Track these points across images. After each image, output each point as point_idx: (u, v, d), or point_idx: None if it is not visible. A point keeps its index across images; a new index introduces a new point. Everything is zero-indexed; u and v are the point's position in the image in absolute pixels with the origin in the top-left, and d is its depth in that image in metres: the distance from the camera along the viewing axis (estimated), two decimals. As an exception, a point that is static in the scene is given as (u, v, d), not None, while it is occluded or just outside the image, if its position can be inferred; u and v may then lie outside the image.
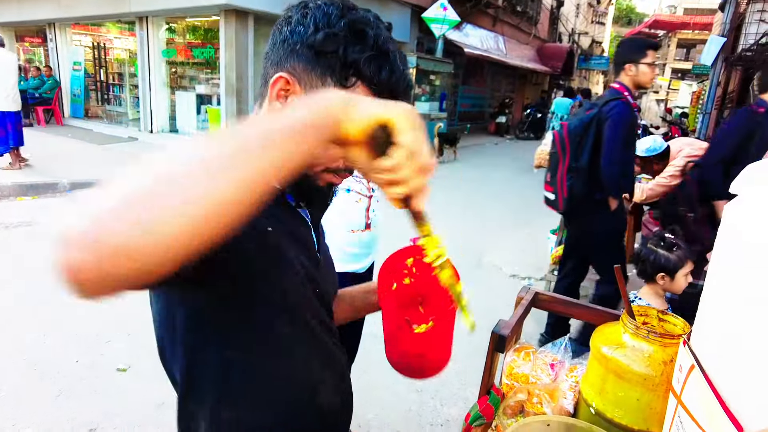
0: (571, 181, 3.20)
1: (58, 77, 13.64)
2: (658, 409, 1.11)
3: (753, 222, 0.77)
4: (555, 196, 3.29)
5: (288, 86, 0.84)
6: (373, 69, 0.82)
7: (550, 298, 1.39)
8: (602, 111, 3.07)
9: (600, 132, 3.07)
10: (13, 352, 3.28)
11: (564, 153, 3.20)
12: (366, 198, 2.09)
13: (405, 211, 0.68)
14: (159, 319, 0.93)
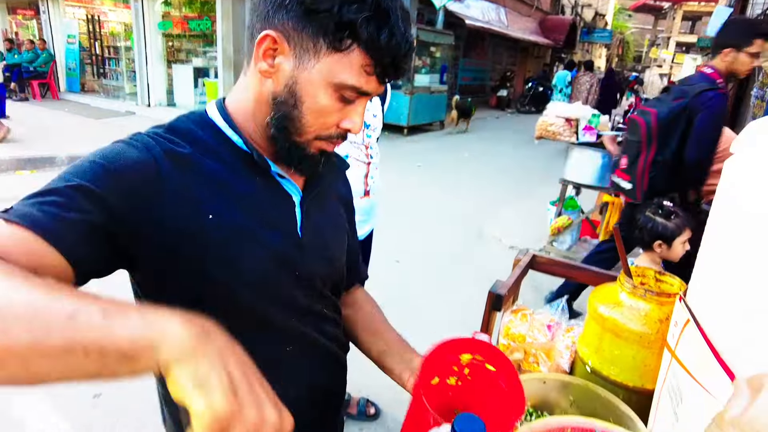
0: (653, 173, 3.01)
1: (53, 51, 13.43)
2: (652, 366, 1.12)
3: (753, 180, 0.77)
4: (633, 186, 3.11)
5: (275, 45, 0.78)
6: (371, 30, 0.74)
7: (547, 261, 1.39)
8: (695, 101, 2.81)
9: (689, 124, 2.83)
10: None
11: (649, 143, 2.99)
12: (364, 164, 2.08)
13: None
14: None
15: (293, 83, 0.79)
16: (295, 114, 0.81)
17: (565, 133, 4.54)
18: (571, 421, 0.81)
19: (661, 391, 1.00)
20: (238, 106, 0.88)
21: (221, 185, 0.83)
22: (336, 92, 0.79)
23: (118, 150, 0.77)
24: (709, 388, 0.79)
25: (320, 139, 0.84)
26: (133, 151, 0.77)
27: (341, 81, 0.78)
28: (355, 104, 0.83)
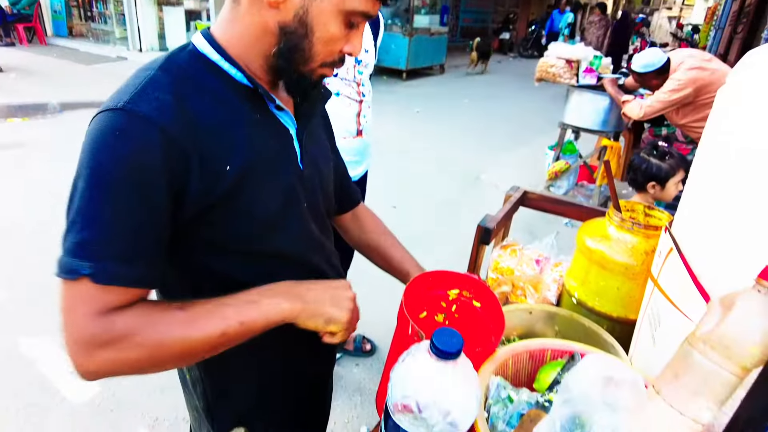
0: None
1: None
2: (636, 297, 1.15)
3: (745, 107, 0.75)
4: None
5: None
6: None
7: (538, 197, 1.39)
8: None
9: None
10: (11, 273, 3.36)
11: None
12: (356, 103, 2.03)
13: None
14: None
15: (304, 13, 0.77)
16: (305, 44, 0.80)
17: (565, 76, 4.42)
18: (551, 343, 0.83)
19: (642, 320, 1.03)
20: (232, 38, 0.83)
21: (229, 130, 0.81)
22: (345, 19, 0.80)
23: (123, 154, 0.71)
24: (686, 311, 0.81)
25: (324, 66, 0.85)
26: (137, 143, 0.71)
27: (352, 8, 0.78)
28: (357, 28, 0.83)
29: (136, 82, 0.76)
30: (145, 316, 0.73)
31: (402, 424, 0.63)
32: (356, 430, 2.35)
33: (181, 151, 0.73)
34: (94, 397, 2.41)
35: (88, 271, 0.69)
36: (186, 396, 1.13)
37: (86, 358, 0.70)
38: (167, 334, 0.74)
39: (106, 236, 0.70)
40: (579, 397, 0.60)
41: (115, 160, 0.70)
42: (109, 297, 0.71)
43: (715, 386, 0.62)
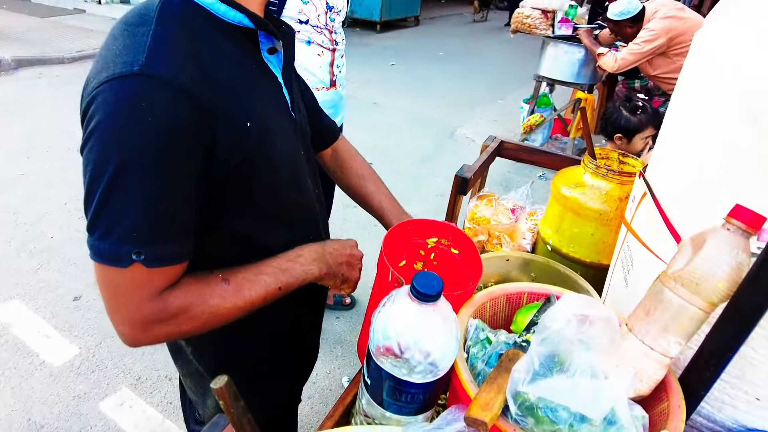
0: None
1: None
2: (609, 243, 1.18)
3: (722, 47, 0.75)
4: None
5: None
6: None
7: (515, 146, 1.39)
8: None
9: None
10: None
11: None
12: (329, 51, 1.96)
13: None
14: None
15: None
16: None
17: (541, 26, 4.37)
18: (528, 286, 0.85)
19: (615, 263, 1.06)
20: None
21: (240, 84, 0.77)
22: None
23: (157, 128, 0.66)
24: (659, 252, 0.83)
25: None
26: (166, 112, 0.66)
27: None
28: None
29: (139, 41, 0.68)
30: (195, 292, 0.76)
31: (384, 366, 0.64)
32: (338, 380, 2.41)
33: (208, 113, 0.69)
34: (73, 359, 2.40)
35: (140, 258, 0.68)
36: (181, 362, 1.11)
37: (143, 334, 0.73)
38: (217, 306, 0.78)
39: (151, 218, 0.68)
40: (556, 336, 0.62)
41: (148, 134, 0.65)
42: (161, 278, 0.72)
43: (683, 321, 0.64)
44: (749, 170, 0.69)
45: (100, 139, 0.66)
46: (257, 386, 1.09)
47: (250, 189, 0.82)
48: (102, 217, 0.67)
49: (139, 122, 0.64)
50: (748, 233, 0.62)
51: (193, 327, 0.77)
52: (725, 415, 0.77)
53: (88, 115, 0.67)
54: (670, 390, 0.68)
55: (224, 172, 0.75)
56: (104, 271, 0.69)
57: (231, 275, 0.81)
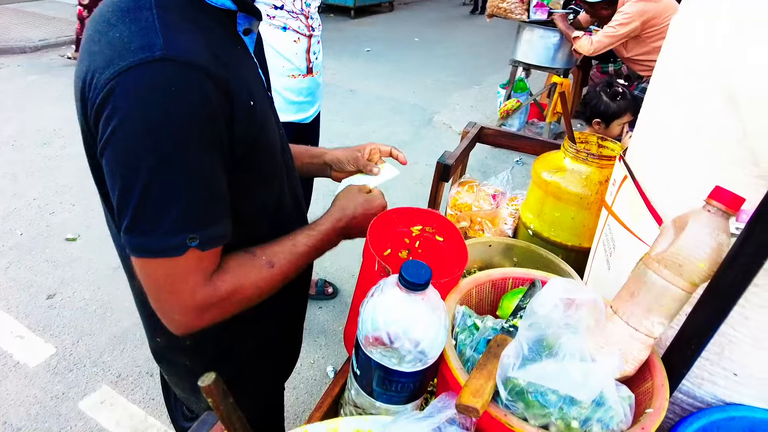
0: None
1: None
2: (589, 226, 1.19)
3: (702, 33, 0.76)
4: None
5: None
6: None
7: (495, 132, 1.39)
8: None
9: None
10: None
11: None
12: (305, 37, 1.92)
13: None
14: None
15: None
16: None
17: (516, 11, 4.36)
18: (512, 272, 0.86)
19: (597, 246, 1.07)
20: None
21: (237, 64, 0.76)
22: None
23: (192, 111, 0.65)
24: (640, 234, 0.85)
25: None
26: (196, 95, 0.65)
27: None
28: None
29: (147, 25, 0.65)
30: (242, 275, 0.78)
31: (373, 356, 0.64)
32: (322, 369, 2.41)
33: (226, 92, 0.68)
34: (49, 358, 2.34)
35: (195, 243, 0.68)
36: (167, 363, 1.08)
37: (197, 320, 0.75)
38: (263, 286, 0.81)
39: (200, 202, 0.68)
40: (543, 320, 0.62)
41: (183, 118, 0.63)
42: (211, 260, 0.73)
43: (666, 302, 0.65)
44: (728, 151, 0.70)
45: (130, 132, 0.63)
46: (248, 381, 1.08)
47: (256, 168, 0.81)
48: (147, 212, 0.65)
49: (172, 107, 0.63)
50: (728, 214, 0.64)
51: (239, 308, 0.79)
52: (705, 391, 0.79)
53: (107, 111, 0.63)
54: (654, 369, 0.69)
55: (240, 152, 0.75)
56: (154, 265, 0.69)
57: (274, 257, 0.82)
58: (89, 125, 0.69)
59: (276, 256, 0.83)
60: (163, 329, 0.98)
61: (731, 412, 0.74)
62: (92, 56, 0.67)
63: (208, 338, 0.99)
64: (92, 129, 0.68)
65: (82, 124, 0.73)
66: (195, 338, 0.97)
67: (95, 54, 0.66)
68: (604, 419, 0.59)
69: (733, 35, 0.69)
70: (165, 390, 1.26)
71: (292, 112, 2.05)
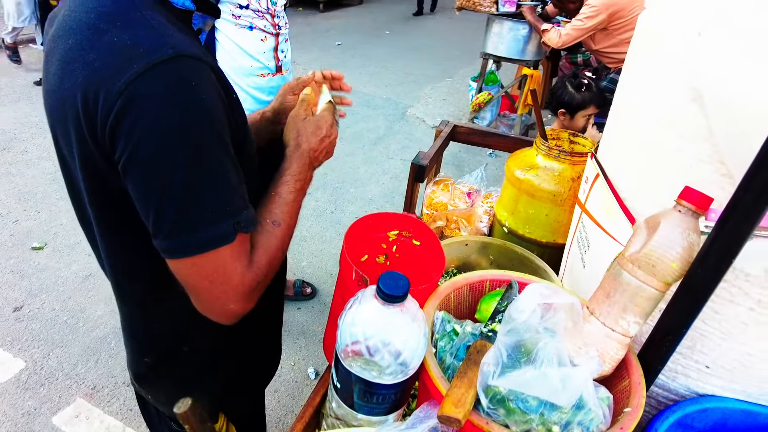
0: None
1: None
2: (563, 222, 1.21)
3: (669, 32, 0.77)
4: None
5: None
6: None
7: (468, 130, 1.39)
8: None
9: None
10: None
11: None
12: (272, 36, 1.88)
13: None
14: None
15: None
16: None
17: (485, 3, 4.37)
18: (489, 274, 0.86)
19: (571, 243, 1.08)
20: None
21: (213, 61, 0.75)
22: None
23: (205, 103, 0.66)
24: (613, 233, 0.86)
25: None
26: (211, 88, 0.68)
27: None
28: None
29: (145, 25, 0.65)
30: (267, 244, 0.79)
31: (353, 369, 0.63)
32: (303, 371, 2.40)
33: (224, 83, 0.72)
34: (19, 373, 2.26)
35: (240, 227, 0.70)
36: (150, 381, 1.05)
37: (249, 303, 0.76)
38: (284, 246, 0.83)
39: (234, 187, 0.70)
40: (522, 326, 0.62)
41: (206, 111, 0.65)
42: (248, 242, 0.75)
43: (641, 302, 0.66)
44: (698, 150, 0.71)
45: (159, 136, 0.62)
46: (234, 388, 1.07)
47: (245, 161, 0.80)
48: (189, 210, 0.66)
49: (195, 101, 0.64)
50: (697, 214, 0.65)
51: (274, 272, 0.81)
52: (678, 383, 0.81)
53: (127, 120, 0.61)
54: (631, 368, 0.71)
55: (238, 138, 0.76)
56: (203, 261, 0.68)
57: (275, 216, 0.83)
58: (98, 138, 0.65)
59: (273, 214, 0.83)
60: (155, 343, 0.97)
61: (704, 403, 0.76)
62: (89, 66, 0.63)
63: (205, 340, 0.97)
64: (105, 142, 0.64)
65: (76, 138, 0.68)
66: (192, 343, 0.97)
67: (93, 62, 0.63)
68: (584, 422, 0.60)
69: (697, 36, 0.70)
70: (143, 407, 1.23)
71: (263, 112, 2.01)
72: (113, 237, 0.81)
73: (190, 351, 0.97)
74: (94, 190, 0.75)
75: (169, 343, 0.96)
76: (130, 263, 0.83)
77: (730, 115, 0.66)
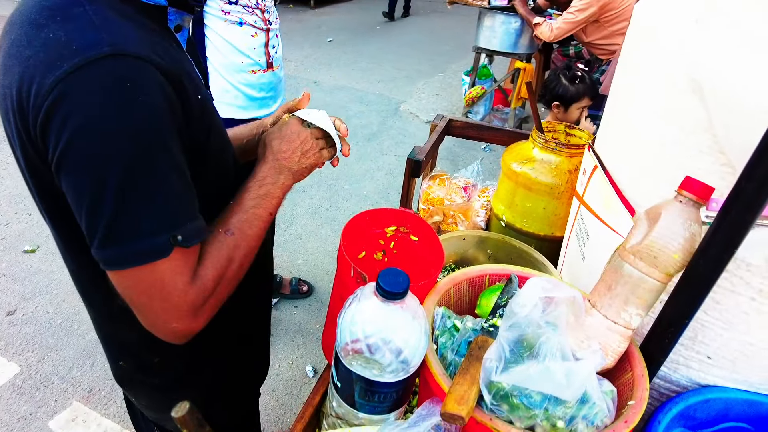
0: None
1: None
2: (561, 215, 1.20)
3: (665, 25, 0.76)
4: None
5: None
6: None
7: (463, 124, 1.38)
8: None
9: None
10: None
11: None
12: (263, 32, 1.86)
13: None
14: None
15: None
16: None
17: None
18: (489, 269, 0.85)
19: (570, 236, 1.08)
20: None
21: (177, 58, 0.72)
22: None
23: (146, 106, 0.62)
24: (613, 225, 0.85)
25: None
26: (152, 90, 0.63)
27: None
28: None
29: (84, 21, 0.61)
30: (218, 257, 0.74)
31: (354, 368, 0.62)
32: (301, 369, 2.39)
33: (175, 84, 0.66)
34: (13, 378, 2.24)
35: (178, 241, 0.65)
36: (132, 384, 1.04)
37: (195, 322, 0.71)
38: (238, 259, 0.77)
39: (175, 197, 0.65)
40: (523, 321, 0.62)
41: (144, 114, 0.61)
42: (193, 256, 0.70)
43: (643, 294, 0.66)
44: (697, 140, 0.70)
45: (89, 138, 0.58)
46: (220, 394, 1.06)
47: (209, 161, 0.79)
48: (123, 219, 0.61)
49: (131, 104, 0.59)
50: (698, 204, 0.64)
51: (231, 289, 0.77)
52: (680, 374, 0.80)
53: (56, 120, 0.58)
54: (633, 360, 0.70)
55: (197, 143, 0.73)
56: (139, 274, 0.64)
57: (228, 225, 0.78)
58: (32, 138, 0.62)
59: (230, 222, 0.78)
60: (127, 351, 0.95)
61: (706, 394, 0.76)
62: (24, 62, 0.61)
63: (176, 353, 0.95)
64: (38, 141, 0.62)
65: (17, 138, 0.66)
66: (162, 354, 0.94)
67: (28, 59, 0.61)
68: (589, 416, 0.59)
69: (695, 26, 0.69)
70: (130, 408, 1.21)
71: (255, 108, 1.99)
72: (68, 241, 0.77)
73: (161, 361, 0.94)
74: (40, 193, 0.72)
75: (139, 352, 0.94)
76: (88, 269, 0.78)
77: (731, 106, 0.65)
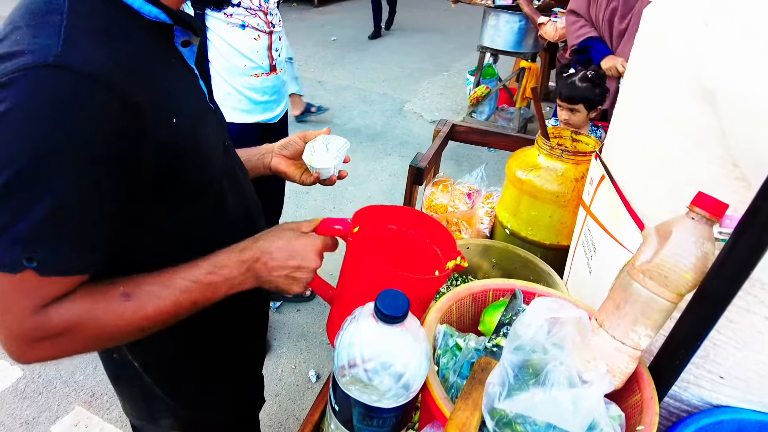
0: None
1: None
2: (567, 224, 1.17)
3: (675, 32, 0.74)
4: None
5: None
6: None
7: (466, 129, 1.36)
8: None
9: None
10: None
11: None
12: (266, 35, 1.84)
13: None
14: None
15: None
16: None
17: (481, -5, 4.34)
18: (493, 283, 0.83)
19: (576, 247, 1.05)
20: None
21: (160, 77, 0.71)
22: None
23: (76, 120, 0.59)
24: (621, 239, 0.82)
25: None
26: (86, 111, 0.60)
27: None
28: None
29: (51, 30, 0.60)
30: (85, 310, 0.66)
31: (352, 393, 0.60)
32: (304, 374, 2.37)
33: (132, 107, 0.63)
34: (16, 382, 2.23)
35: (32, 265, 0.60)
36: (121, 386, 1.06)
37: (26, 350, 0.65)
38: (112, 326, 0.69)
39: (54, 222, 0.61)
40: (528, 344, 0.59)
41: (66, 131, 0.58)
42: (51, 288, 0.64)
43: (652, 314, 0.63)
44: (708, 151, 0.67)
45: (6, 130, 0.57)
46: (213, 402, 1.05)
47: (185, 186, 0.77)
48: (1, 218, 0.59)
49: (58, 118, 0.58)
50: (711, 221, 0.61)
51: (83, 348, 0.70)
52: (691, 394, 0.78)
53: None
54: (642, 382, 0.68)
55: (156, 170, 0.70)
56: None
57: (135, 288, 0.70)
58: None
59: (139, 288, 0.71)
60: (107, 358, 0.95)
61: (719, 415, 0.73)
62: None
63: (159, 363, 0.96)
64: None
65: None
66: (139, 361, 0.95)
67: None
68: (596, 444, 0.57)
69: (708, 33, 0.66)
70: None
71: (259, 112, 1.98)
72: None
73: (141, 368, 0.95)
74: None
75: (119, 358, 0.96)
76: None
77: (745, 115, 0.62)
